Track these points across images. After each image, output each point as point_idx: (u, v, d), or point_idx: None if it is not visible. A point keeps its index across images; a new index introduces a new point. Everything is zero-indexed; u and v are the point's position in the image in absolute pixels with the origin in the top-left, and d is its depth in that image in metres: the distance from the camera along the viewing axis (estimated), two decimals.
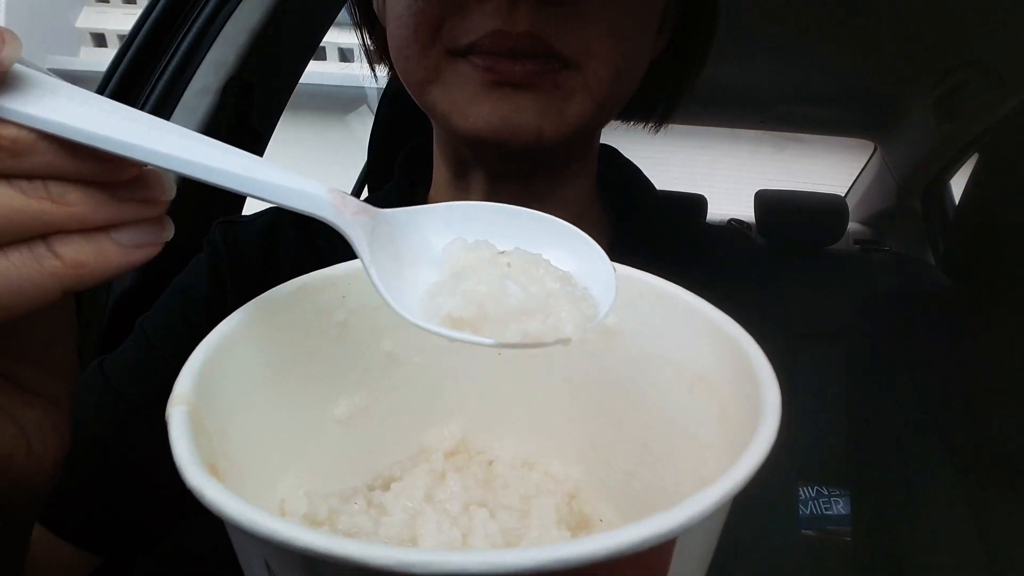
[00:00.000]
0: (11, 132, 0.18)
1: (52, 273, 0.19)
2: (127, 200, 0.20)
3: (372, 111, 0.93)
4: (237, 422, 0.24)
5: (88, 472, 0.41)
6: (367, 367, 0.28)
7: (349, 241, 0.23)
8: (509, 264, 0.23)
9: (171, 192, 0.22)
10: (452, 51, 0.39)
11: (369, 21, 0.50)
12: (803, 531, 0.91)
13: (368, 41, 0.52)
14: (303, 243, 0.50)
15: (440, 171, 0.50)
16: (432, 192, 0.52)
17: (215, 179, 0.20)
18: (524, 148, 0.39)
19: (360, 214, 0.23)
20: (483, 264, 0.23)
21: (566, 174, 0.47)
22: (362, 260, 0.22)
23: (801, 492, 0.98)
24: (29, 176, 0.18)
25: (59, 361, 0.26)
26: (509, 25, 0.36)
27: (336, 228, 0.22)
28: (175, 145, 0.20)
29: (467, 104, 0.39)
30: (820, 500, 1.64)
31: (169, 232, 0.22)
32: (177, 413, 0.21)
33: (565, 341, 0.22)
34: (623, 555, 0.16)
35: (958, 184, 1.71)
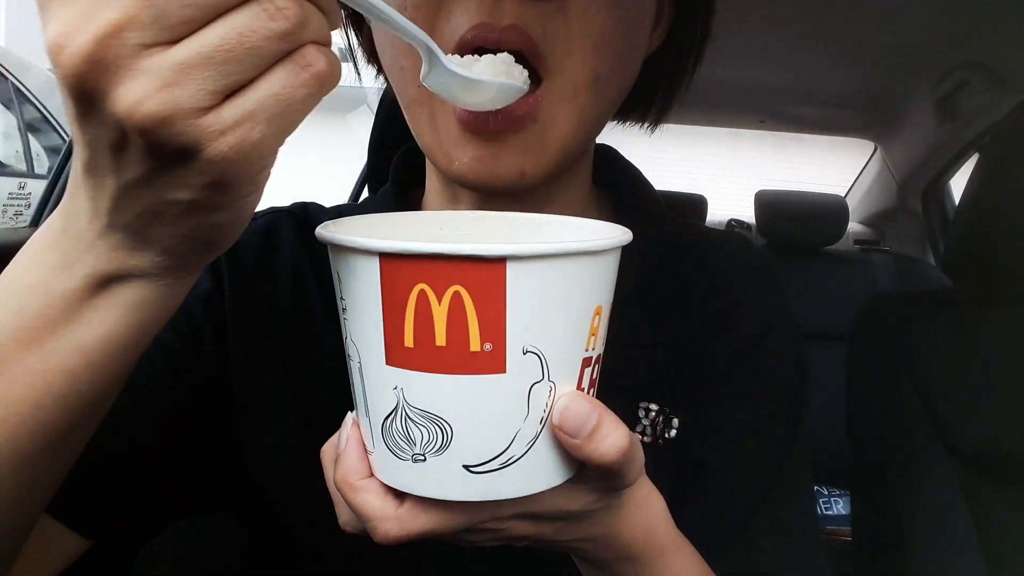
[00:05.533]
0: None
1: (305, 83, 0.21)
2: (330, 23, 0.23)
3: (372, 111, 0.93)
4: None
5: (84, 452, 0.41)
6: None
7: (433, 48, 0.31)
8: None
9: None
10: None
11: (356, 21, 0.50)
12: None
13: (356, 41, 0.51)
14: (300, 244, 0.50)
15: (431, 178, 0.51)
16: (425, 196, 0.52)
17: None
18: (507, 188, 0.41)
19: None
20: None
21: (561, 178, 0.47)
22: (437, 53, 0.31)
23: None
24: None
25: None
26: (494, 18, 0.37)
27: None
28: None
29: (450, 146, 0.40)
30: (820, 500, 1.65)
31: None
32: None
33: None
34: (463, 256, 0.24)
35: (958, 184, 1.71)
